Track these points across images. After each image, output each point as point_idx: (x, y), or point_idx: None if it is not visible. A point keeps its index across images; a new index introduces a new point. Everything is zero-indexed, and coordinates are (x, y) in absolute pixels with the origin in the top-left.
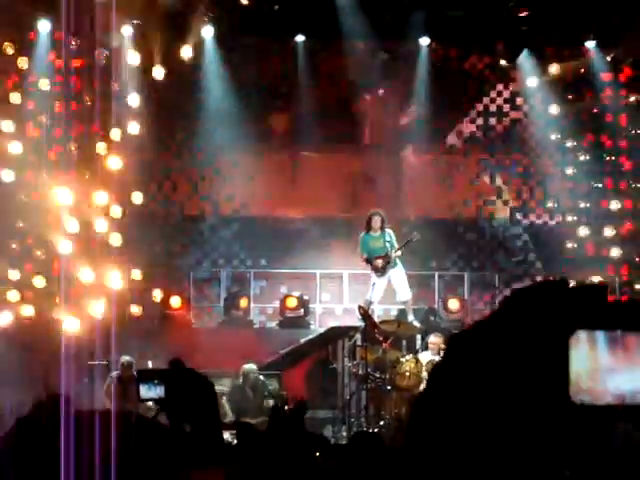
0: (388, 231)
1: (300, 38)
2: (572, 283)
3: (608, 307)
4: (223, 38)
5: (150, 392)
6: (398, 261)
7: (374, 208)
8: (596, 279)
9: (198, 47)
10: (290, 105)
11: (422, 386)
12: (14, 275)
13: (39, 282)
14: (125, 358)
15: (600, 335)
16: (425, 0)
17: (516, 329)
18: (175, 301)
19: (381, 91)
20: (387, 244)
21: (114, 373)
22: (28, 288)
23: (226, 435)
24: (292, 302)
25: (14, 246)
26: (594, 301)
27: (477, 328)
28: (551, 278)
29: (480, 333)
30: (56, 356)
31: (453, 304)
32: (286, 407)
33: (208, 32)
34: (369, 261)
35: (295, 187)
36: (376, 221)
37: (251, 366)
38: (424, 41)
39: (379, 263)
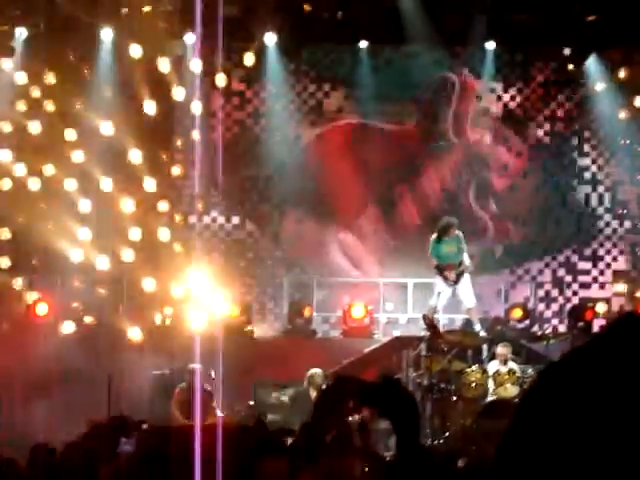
0: (459, 234)
1: (364, 44)
2: None
3: None
4: (286, 45)
5: None
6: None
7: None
8: None
9: (260, 54)
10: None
11: (488, 397)
12: (78, 283)
13: (102, 290)
14: (192, 366)
15: None
16: (490, 4)
17: (622, 361)
18: (235, 310)
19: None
20: (460, 250)
21: (183, 384)
22: (92, 297)
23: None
24: (356, 311)
25: (78, 255)
26: None
27: (575, 358)
28: None
29: (580, 364)
30: (119, 365)
31: (517, 313)
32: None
33: (270, 39)
34: (440, 268)
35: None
36: (453, 231)
37: (317, 370)
38: (490, 45)
39: (452, 276)
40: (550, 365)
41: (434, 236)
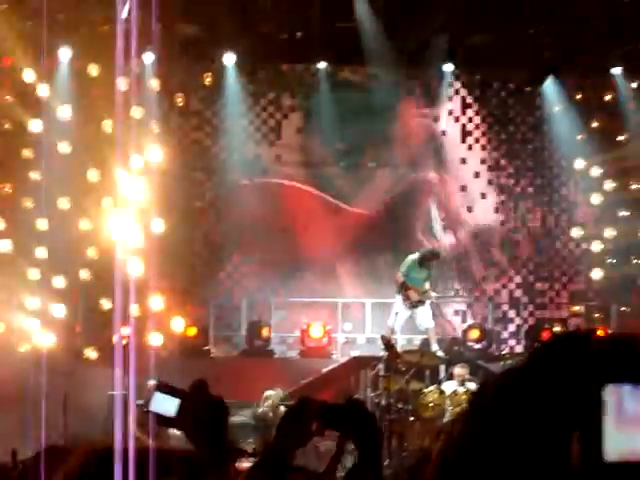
0: (432, 267)
1: (322, 65)
2: (601, 334)
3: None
4: (245, 65)
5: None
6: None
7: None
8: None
9: (219, 74)
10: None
11: (446, 418)
12: (34, 303)
13: (59, 311)
14: (151, 382)
15: (631, 388)
16: (448, 26)
17: (544, 384)
18: (192, 330)
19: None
20: (426, 280)
21: (140, 401)
22: (48, 317)
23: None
24: (314, 331)
25: (34, 274)
26: (625, 353)
27: (504, 380)
28: (577, 329)
29: (506, 386)
30: (75, 384)
31: (474, 334)
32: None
33: (229, 59)
34: (405, 286)
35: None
36: (433, 263)
37: (274, 391)
38: (448, 67)
39: (414, 296)
40: (483, 383)
41: (415, 256)
